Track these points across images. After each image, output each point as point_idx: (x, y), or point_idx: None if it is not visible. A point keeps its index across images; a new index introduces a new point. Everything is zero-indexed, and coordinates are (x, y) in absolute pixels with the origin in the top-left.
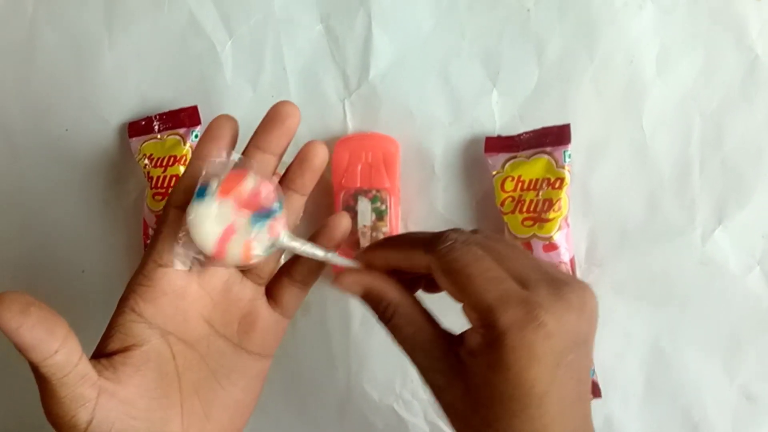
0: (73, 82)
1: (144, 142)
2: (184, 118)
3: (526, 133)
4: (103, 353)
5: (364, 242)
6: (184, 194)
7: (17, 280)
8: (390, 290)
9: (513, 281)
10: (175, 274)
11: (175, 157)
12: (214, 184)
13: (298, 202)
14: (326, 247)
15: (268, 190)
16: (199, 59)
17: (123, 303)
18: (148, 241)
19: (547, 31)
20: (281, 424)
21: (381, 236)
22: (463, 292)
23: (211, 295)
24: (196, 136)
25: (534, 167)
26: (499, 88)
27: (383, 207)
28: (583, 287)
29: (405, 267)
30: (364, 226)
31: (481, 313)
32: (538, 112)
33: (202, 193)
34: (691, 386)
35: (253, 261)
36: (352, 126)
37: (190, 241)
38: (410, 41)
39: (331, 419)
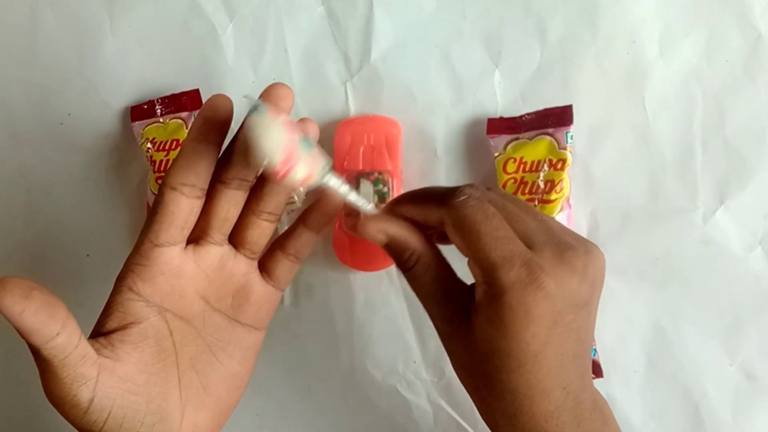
0: (75, 67)
1: (146, 126)
2: (186, 101)
3: (528, 114)
4: (101, 332)
5: None
6: (179, 175)
7: (22, 264)
8: (413, 238)
9: (520, 242)
10: (171, 253)
11: (177, 140)
12: (265, 104)
13: None
14: (320, 222)
15: (303, 124)
16: (200, 42)
17: (120, 282)
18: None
19: (549, 11)
20: (286, 405)
21: None
22: (470, 247)
23: (206, 272)
24: None
25: (536, 148)
26: (501, 69)
27: (385, 189)
28: (588, 251)
29: (420, 220)
30: None
31: (485, 270)
32: (540, 93)
33: (256, 109)
34: (692, 366)
35: (313, 181)
36: (354, 108)
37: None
38: (412, 23)
39: (335, 400)
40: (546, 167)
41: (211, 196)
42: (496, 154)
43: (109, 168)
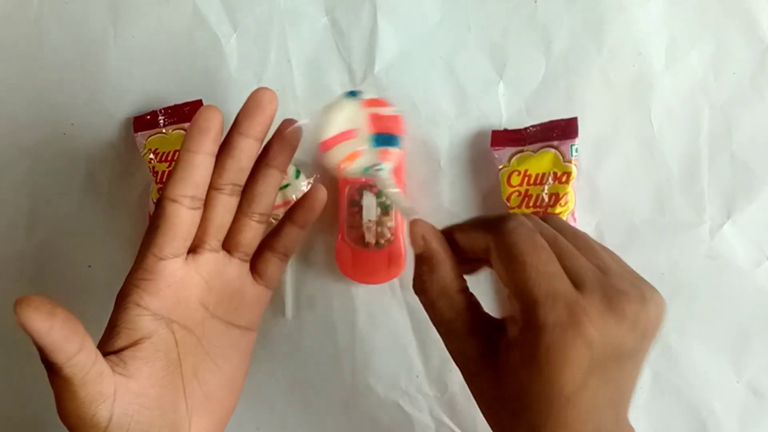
0: (79, 77)
1: (149, 137)
2: (189, 112)
3: (533, 126)
4: (109, 352)
5: (369, 237)
6: (179, 187)
7: (24, 275)
8: (447, 266)
9: (567, 280)
10: (174, 264)
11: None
12: (364, 93)
13: (279, 178)
14: (305, 217)
15: (403, 125)
16: (203, 52)
17: (125, 299)
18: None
19: (554, 22)
20: (287, 419)
21: (386, 231)
22: (513, 278)
23: (207, 280)
24: None
25: (541, 161)
26: (505, 80)
27: (388, 201)
28: (645, 299)
29: (466, 247)
30: (369, 220)
31: (525, 305)
32: (545, 105)
33: (352, 94)
34: (698, 382)
35: (343, 172)
36: None
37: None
38: (416, 34)
39: (337, 414)
40: (551, 180)
41: (206, 204)
42: (501, 167)
43: (111, 178)
